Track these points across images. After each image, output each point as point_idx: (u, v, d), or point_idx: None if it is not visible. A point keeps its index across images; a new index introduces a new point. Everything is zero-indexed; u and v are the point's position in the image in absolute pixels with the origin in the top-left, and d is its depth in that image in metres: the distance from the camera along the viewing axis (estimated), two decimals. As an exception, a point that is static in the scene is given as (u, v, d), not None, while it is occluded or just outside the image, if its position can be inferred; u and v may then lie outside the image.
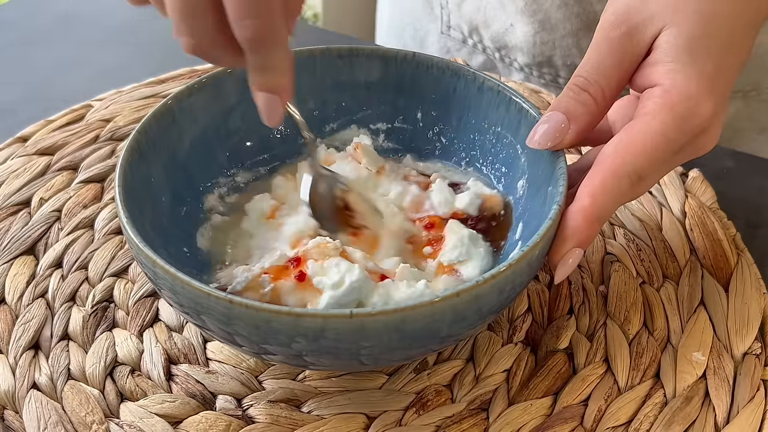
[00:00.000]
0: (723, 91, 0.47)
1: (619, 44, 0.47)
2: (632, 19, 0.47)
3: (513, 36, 0.76)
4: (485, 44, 0.79)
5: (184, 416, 0.47)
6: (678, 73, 0.45)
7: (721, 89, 0.46)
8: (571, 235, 0.44)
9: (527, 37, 0.75)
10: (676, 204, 0.59)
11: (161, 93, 0.69)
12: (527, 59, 0.77)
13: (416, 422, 0.47)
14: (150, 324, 0.52)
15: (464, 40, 0.80)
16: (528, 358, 0.50)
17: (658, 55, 0.46)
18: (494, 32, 0.77)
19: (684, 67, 0.45)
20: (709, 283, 0.54)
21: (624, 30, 0.47)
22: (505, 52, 0.78)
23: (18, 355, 0.50)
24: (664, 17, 0.46)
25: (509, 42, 0.77)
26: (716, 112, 0.46)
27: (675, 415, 0.47)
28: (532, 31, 0.75)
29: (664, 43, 0.46)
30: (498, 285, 0.42)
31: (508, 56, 0.78)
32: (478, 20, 0.78)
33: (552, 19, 0.73)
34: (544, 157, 0.49)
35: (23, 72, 0.76)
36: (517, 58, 0.78)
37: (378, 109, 0.57)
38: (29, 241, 0.57)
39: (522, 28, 0.75)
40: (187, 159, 0.53)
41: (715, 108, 0.46)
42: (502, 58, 0.79)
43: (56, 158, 0.63)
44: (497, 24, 0.77)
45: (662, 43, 0.46)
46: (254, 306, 0.40)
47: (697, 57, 0.46)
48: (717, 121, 0.46)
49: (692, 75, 0.45)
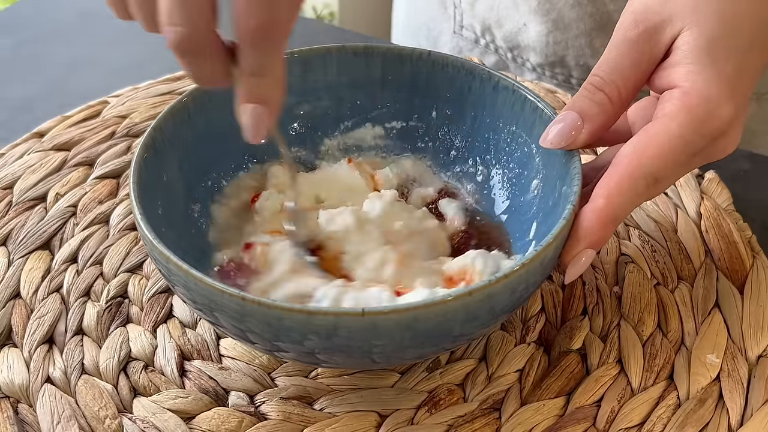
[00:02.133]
0: (743, 94, 0.46)
1: (637, 44, 0.47)
2: (651, 19, 0.47)
3: (526, 36, 0.76)
4: (497, 44, 0.79)
5: (196, 412, 0.47)
6: (697, 75, 0.45)
7: (742, 91, 0.46)
8: (584, 236, 0.44)
9: (540, 37, 0.75)
10: (692, 205, 0.59)
11: (177, 90, 0.69)
12: (540, 59, 0.77)
13: (428, 421, 0.47)
14: (164, 320, 0.52)
15: (477, 40, 0.80)
16: (541, 358, 0.50)
17: (677, 56, 0.46)
18: (507, 32, 0.77)
19: (704, 69, 0.45)
20: (724, 285, 0.53)
21: (642, 30, 0.46)
22: (517, 52, 0.78)
23: (32, 349, 0.50)
24: (684, 18, 0.46)
25: (522, 42, 0.77)
26: (736, 115, 0.45)
27: (688, 417, 0.47)
28: (545, 30, 0.74)
29: (684, 44, 0.46)
30: (511, 284, 0.41)
31: (521, 56, 0.78)
32: (490, 20, 0.78)
33: (565, 19, 0.73)
34: (558, 156, 0.48)
35: (40, 68, 0.77)
36: (529, 57, 0.77)
37: (393, 107, 0.57)
38: (45, 236, 0.57)
39: (535, 27, 0.75)
40: (201, 156, 0.53)
41: (735, 111, 0.45)
42: (515, 58, 0.78)
43: (72, 154, 0.63)
44: (510, 24, 0.76)
45: (682, 44, 0.46)
46: (266, 303, 0.40)
47: (717, 59, 0.45)
48: (737, 124, 0.46)
49: (712, 77, 0.45)
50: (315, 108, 0.57)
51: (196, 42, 0.39)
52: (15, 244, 0.56)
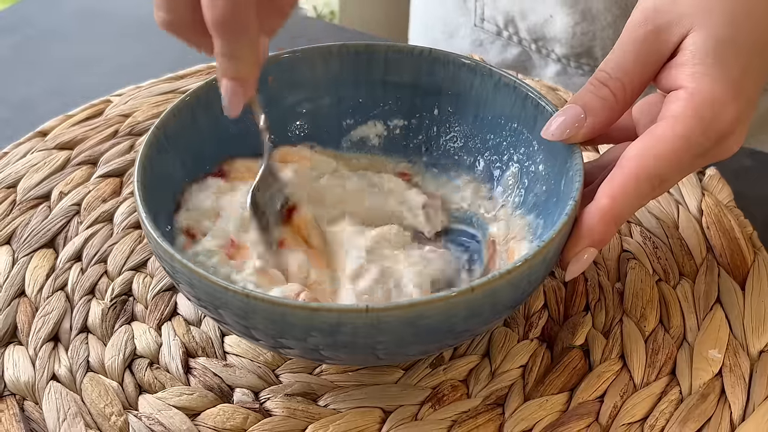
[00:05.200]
0: (749, 96, 0.46)
1: (645, 42, 0.47)
2: (660, 18, 0.47)
3: (552, 27, 0.76)
4: (521, 36, 0.78)
5: (201, 409, 0.48)
6: (704, 76, 0.45)
7: (748, 93, 0.46)
8: (586, 234, 0.44)
9: (567, 28, 0.75)
10: (693, 202, 0.59)
11: (179, 89, 0.69)
12: (565, 50, 0.76)
13: (432, 417, 0.47)
14: (168, 317, 0.53)
15: (499, 32, 0.79)
16: (544, 355, 0.50)
17: (684, 56, 0.46)
18: (531, 23, 0.77)
19: (710, 71, 0.45)
20: (725, 281, 0.54)
21: (651, 28, 0.47)
22: (542, 44, 0.77)
23: (38, 347, 0.50)
24: (693, 18, 0.46)
25: (548, 33, 0.76)
26: (741, 117, 0.45)
27: (690, 412, 0.47)
28: (572, 21, 0.74)
29: (691, 45, 0.46)
30: (513, 281, 0.42)
31: (545, 47, 0.77)
32: (514, 11, 0.77)
33: (593, 10, 0.72)
34: (560, 153, 0.49)
35: (43, 68, 0.77)
36: (554, 49, 0.77)
37: (395, 105, 0.57)
38: (49, 235, 0.57)
39: (562, 19, 0.74)
40: (204, 154, 0.53)
41: (740, 112, 0.45)
42: (539, 49, 0.78)
43: (76, 153, 0.63)
44: (535, 15, 0.76)
45: (689, 44, 0.46)
46: (270, 300, 0.40)
47: (724, 60, 0.45)
48: (742, 125, 0.46)
49: (718, 79, 0.45)
50: (316, 107, 0.57)
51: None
52: (19, 243, 0.57)
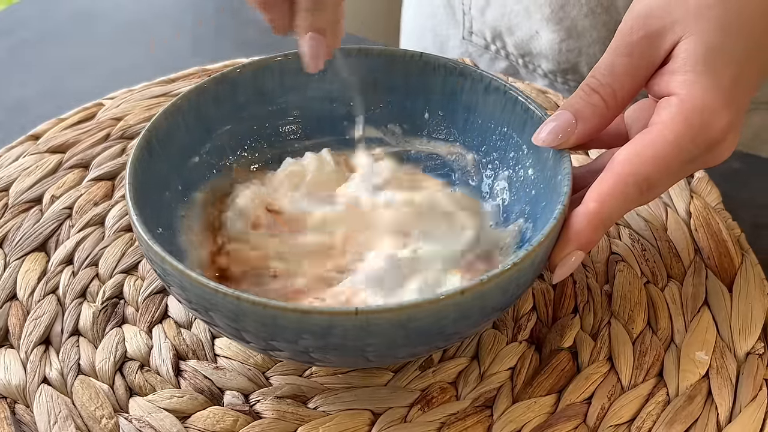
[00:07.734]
0: (740, 103, 0.46)
1: (637, 48, 0.47)
2: (652, 24, 0.47)
3: (538, 43, 0.76)
4: (508, 50, 0.78)
5: (192, 411, 0.48)
6: (694, 83, 0.45)
7: (739, 101, 0.46)
8: (574, 238, 0.44)
9: (552, 45, 0.75)
10: (682, 205, 0.59)
11: (172, 92, 0.69)
12: (552, 66, 0.76)
13: (421, 419, 0.48)
14: (159, 320, 0.53)
15: (487, 46, 0.80)
16: (532, 357, 0.51)
17: (676, 64, 0.46)
18: (518, 39, 0.77)
19: (700, 78, 0.45)
20: (713, 284, 0.54)
21: (642, 35, 0.47)
22: (528, 59, 0.78)
23: (29, 350, 0.51)
24: (685, 25, 0.46)
25: (534, 49, 0.77)
26: (732, 124, 0.46)
27: (677, 413, 0.47)
28: (557, 38, 0.74)
29: (683, 52, 0.46)
30: (502, 284, 0.42)
31: (532, 63, 0.78)
32: (501, 27, 0.77)
33: (579, 27, 0.73)
34: (549, 157, 0.49)
35: (35, 70, 0.77)
36: (541, 64, 0.77)
37: (386, 109, 0.58)
38: (41, 238, 0.57)
39: (548, 35, 0.75)
40: (196, 158, 0.53)
41: (731, 120, 0.45)
42: (526, 64, 0.78)
43: (68, 156, 0.64)
44: (521, 31, 0.76)
45: (681, 51, 0.46)
46: (261, 303, 0.40)
47: (715, 68, 0.45)
48: (732, 133, 0.46)
49: (708, 86, 0.45)
50: (308, 110, 0.57)
51: None
52: (11, 246, 0.57)
